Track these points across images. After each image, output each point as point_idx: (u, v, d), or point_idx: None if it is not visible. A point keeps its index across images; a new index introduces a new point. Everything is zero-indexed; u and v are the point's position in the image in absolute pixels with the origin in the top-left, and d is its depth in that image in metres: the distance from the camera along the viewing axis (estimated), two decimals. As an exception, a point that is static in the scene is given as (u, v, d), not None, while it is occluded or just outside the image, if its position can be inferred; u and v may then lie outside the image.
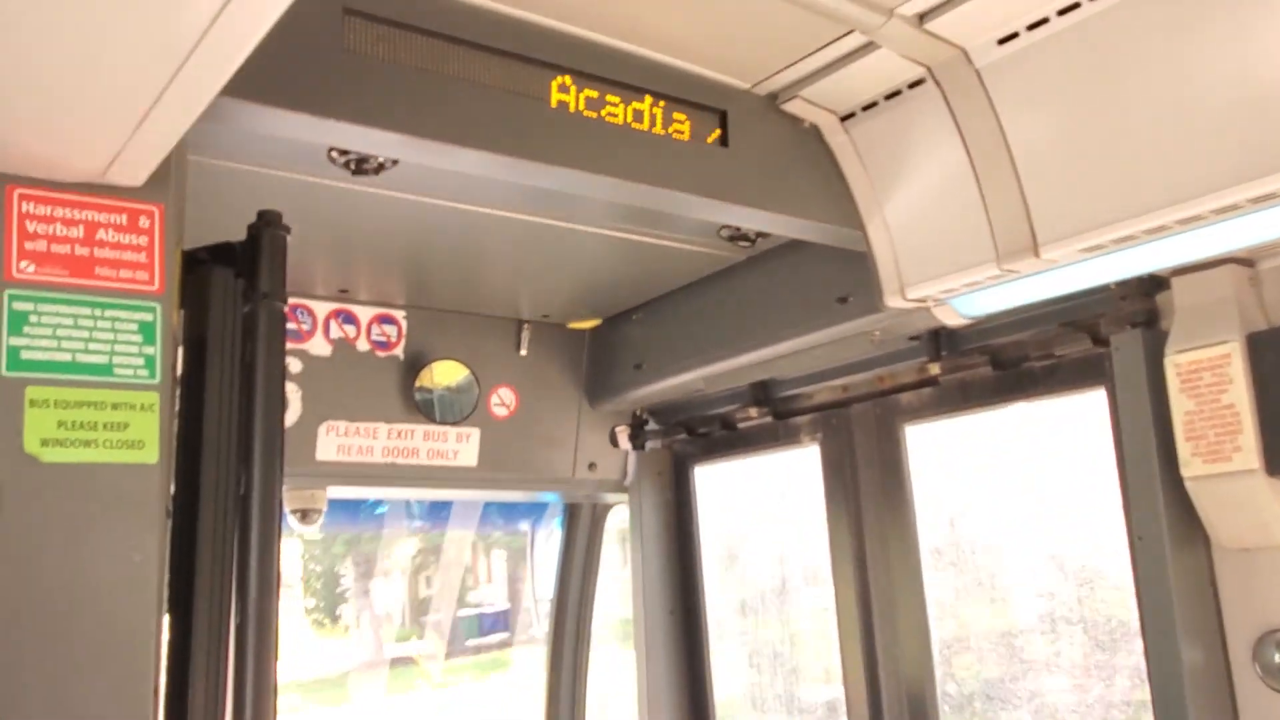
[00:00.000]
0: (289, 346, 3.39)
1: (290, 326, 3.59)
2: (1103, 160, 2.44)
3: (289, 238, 2.18)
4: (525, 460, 4.20)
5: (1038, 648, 3.60)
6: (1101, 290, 2.90)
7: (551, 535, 5.05)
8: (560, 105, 2.44)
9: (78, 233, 1.88)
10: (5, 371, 1.81)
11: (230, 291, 2.13)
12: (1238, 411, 2.64)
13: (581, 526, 4.71)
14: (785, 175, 2.83)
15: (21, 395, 1.82)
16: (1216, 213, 2.31)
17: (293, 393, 3.62)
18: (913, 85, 2.67)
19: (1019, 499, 3.70)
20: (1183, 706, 2.75)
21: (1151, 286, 2.90)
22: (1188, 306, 2.81)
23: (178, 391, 2.03)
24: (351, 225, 3.07)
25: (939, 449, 3.72)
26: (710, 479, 4.55)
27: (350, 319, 3.79)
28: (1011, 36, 2.46)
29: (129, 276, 1.93)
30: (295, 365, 3.64)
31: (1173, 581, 2.78)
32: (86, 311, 1.88)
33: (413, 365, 3.89)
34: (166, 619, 1.96)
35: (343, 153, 2.52)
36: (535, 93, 2.41)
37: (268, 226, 2.15)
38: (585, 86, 2.48)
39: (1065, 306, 3.02)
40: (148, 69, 1.55)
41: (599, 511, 4.72)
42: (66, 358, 1.86)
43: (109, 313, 1.90)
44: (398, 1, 2.23)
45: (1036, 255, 2.60)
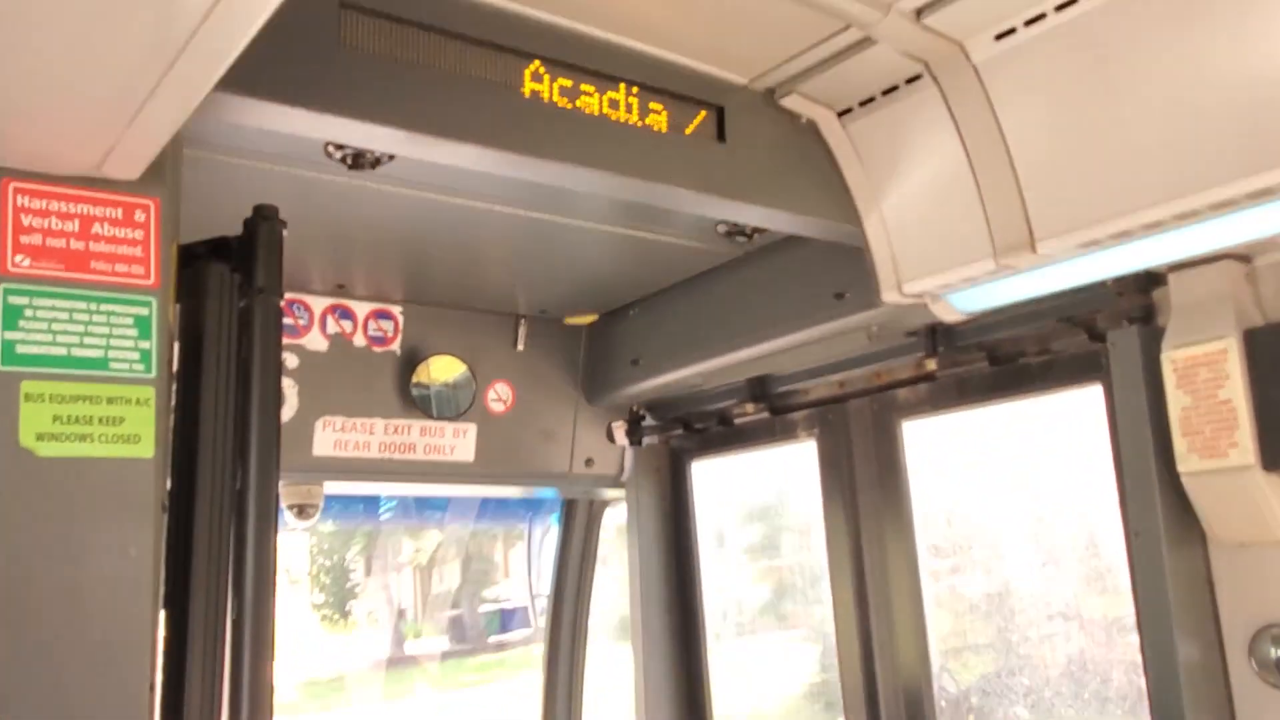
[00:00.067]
0: (285, 342, 3.38)
1: (287, 321, 3.57)
2: (1100, 156, 2.44)
3: (285, 232, 2.17)
4: (522, 456, 4.20)
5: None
6: (1098, 286, 2.90)
7: (549, 531, 5.06)
8: (555, 100, 2.43)
9: (73, 226, 1.88)
10: (0, 366, 1.81)
11: (226, 286, 2.12)
12: (1234, 407, 2.65)
13: (578, 522, 4.71)
14: (782, 171, 2.82)
15: (17, 389, 1.81)
16: (1213, 208, 2.31)
17: (289, 388, 3.61)
18: (910, 81, 2.67)
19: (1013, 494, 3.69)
20: (1179, 701, 2.75)
21: (1148, 282, 2.91)
22: (1184, 302, 2.81)
23: (174, 386, 2.03)
24: (348, 220, 3.07)
25: (933, 445, 3.71)
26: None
27: (347, 314, 3.79)
28: (1009, 32, 2.45)
29: (125, 270, 1.92)
30: (292, 360, 3.64)
31: (1169, 577, 2.78)
32: (82, 305, 1.88)
33: (409, 361, 3.88)
34: (162, 614, 1.95)
35: (339, 147, 2.51)
36: (534, 88, 2.40)
37: (264, 221, 2.15)
38: (580, 80, 2.47)
39: (1062, 302, 3.02)
40: (143, 62, 1.54)
41: (596, 507, 4.72)
42: (62, 352, 1.85)
43: (105, 307, 1.89)
44: None
45: (1033, 251, 2.60)
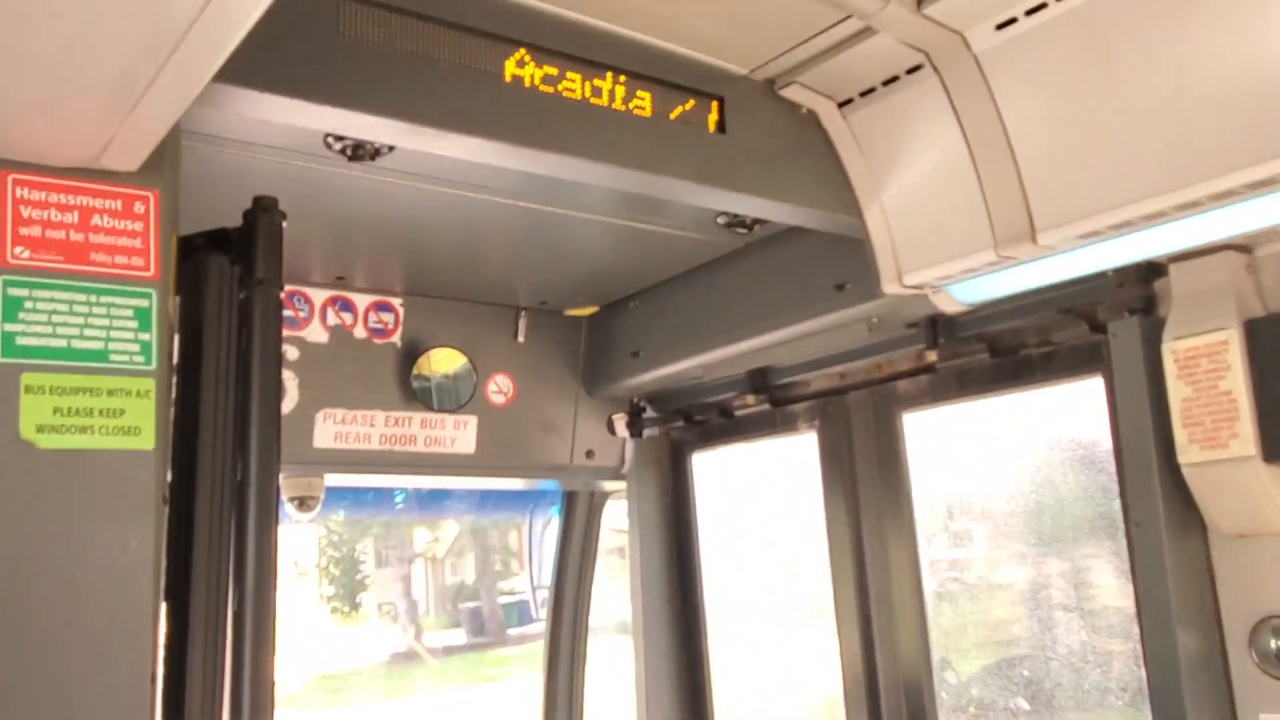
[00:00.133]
0: (286, 333, 3.38)
1: (287, 313, 3.58)
2: (1101, 146, 2.43)
3: (285, 224, 2.17)
4: (523, 448, 4.20)
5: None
6: (1099, 277, 2.90)
7: (550, 523, 5.06)
8: (556, 92, 2.43)
9: (72, 218, 1.88)
10: (0, 358, 1.81)
11: (226, 278, 2.12)
12: (1235, 398, 2.64)
13: (579, 514, 4.71)
14: (783, 162, 2.82)
15: (17, 381, 1.81)
16: (1214, 198, 2.31)
17: (290, 380, 3.61)
18: (911, 71, 2.66)
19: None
20: (1179, 692, 2.75)
21: (1149, 273, 2.90)
22: (1185, 293, 2.81)
23: (174, 378, 2.03)
24: (348, 211, 3.06)
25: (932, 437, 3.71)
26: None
27: (347, 306, 3.78)
28: (1010, 22, 2.45)
29: (124, 262, 1.92)
30: (292, 352, 3.64)
31: (1170, 568, 2.78)
32: (82, 297, 1.88)
33: (410, 353, 3.88)
34: (163, 606, 1.96)
35: (339, 138, 2.51)
36: (536, 80, 2.40)
37: (264, 212, 2.14)
38: (576, 69, 2.47)
39: (1063, 293, 3.01)
40: (141, 53, 1.54)
41: (596, 499, 4.72)
42: (62, 344, 1.85)
43: (104, 299, 1.89)
44: None
45: (1034, 241, 2.60)
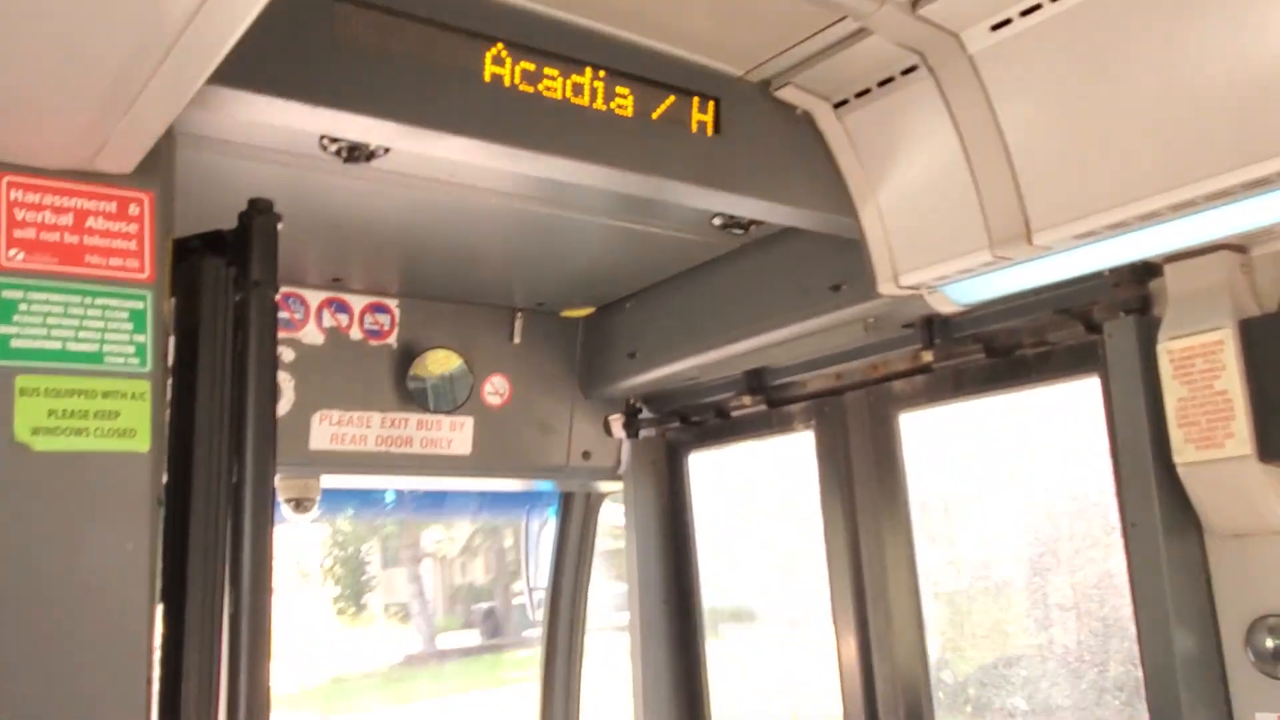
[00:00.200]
0: (281, 335, 3.38)
1: (282, 315, 3.58)
2: (1096, 146, 2.44)
3: (281, 226, 2.17)
4: (519, 449, 4.20)
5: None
6: (1095, 277, 2.90)
7: (546, 525, 5.05)
8: (552, 95, 2.43)
9: (67, 220, 1.88)
10: None
11: (222, 280, 2.12)
12: (1230, 398, 2.65)
13: (575, 515, 4.71)
14: (778, 163, 2.82)
15: (11, 384, 1.81)
16: (1209, 198, 2.31)
17: (285, 382, 3.61)
18: (906, 72, 2.66)
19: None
20: (1175, 692, 2.76)
21: (1144, 273, 2.90)
22: (1181, 293, 2.81)
23: (169, 380, 2.03)
24: (344, 213, 3.06)
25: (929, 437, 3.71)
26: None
27: (343, 308, 3.78)
28: (1005, 23, 2.45)
29: (119, 264, 1.92)
30: (288, 354, 3.63)
31: (1165, 568, 2.79)
32: (76, 299, 1.87)
33: (406, 354, 3.88)
34: (159, 609, 1.95)
35: (334, 140, 2.51)
36: (533, 83, 2.39)
37: (259, 214, 2.15)
38: (573, 72, 2.47)
39: (1058, 293, 3.01)
40: (136, 55, 1.54)
41: (593, 500, 4.71)
42: (57, 346, 1.85)
43: (99, 301, 1.89)
44: None
45: (1030, 242, 2.60)
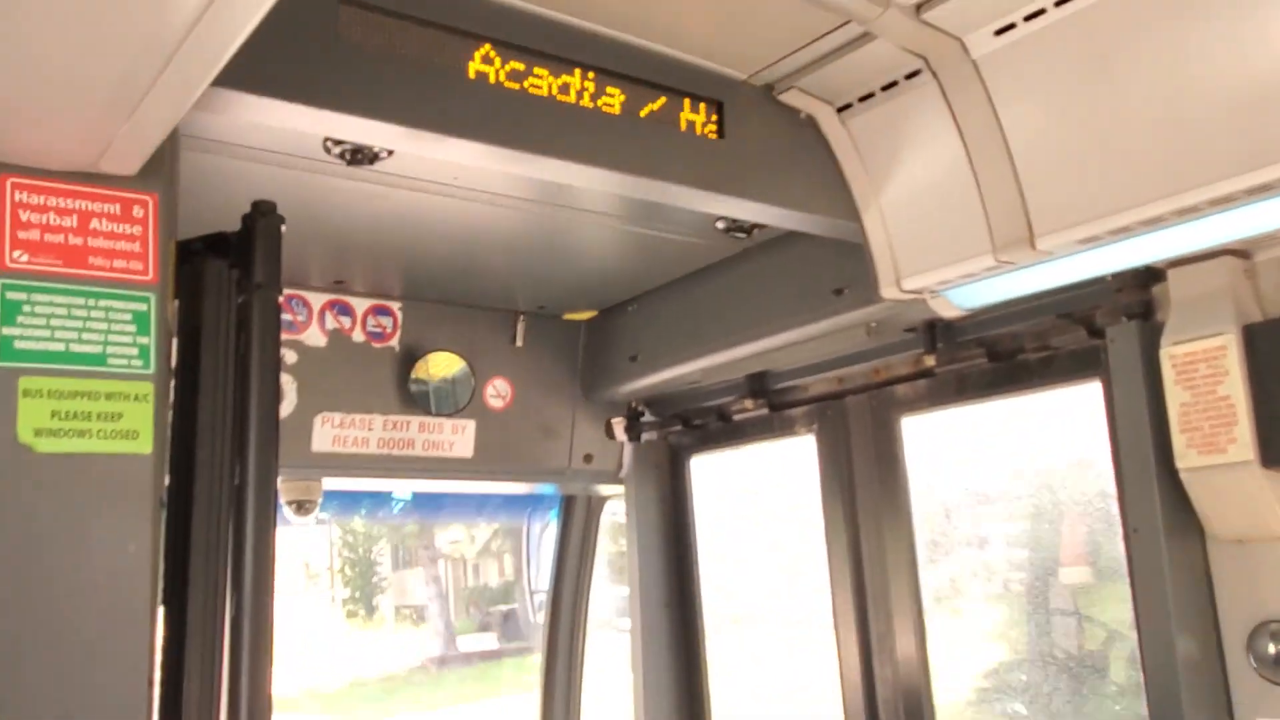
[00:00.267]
0: (284, 337, 3.38)
1: (285, 317, 3.58)
2: (1099, 151, 2.44)
3: (284, 228, 2.17)
4: (521, 452, 4.20)
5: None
6: (1097, 282, 2.90)
7: (547, 528, 5.05)
8: (555, 98, 2.43)
9: (71, 222, 1.88)
10: None
11: (225, 282, 2.12)
12: (1233, 403, 2.65)
13: (577, 518, 4.71)
14: (781, 167, 2.82)
15: (15, 385, 1.81)
16: (1213, 204, 2.31)
17: (288, 384, 3.61)
18: (909, 76, 2.66)
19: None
20: (1177, 697, 2.75)
21: (1147, 278, 2.90)
22: (1183, 298, 2.81)
23: (172, 382, 2.03)
24: (347, 216, 3.06)
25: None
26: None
27: (346, 310, 3.78)
28: (1008, 27, 2.45)
29: (123, 266, 1.92)
30: (290, 356, 3.64)
31: (1168, 573, 2.78)
32: (80, 301, 1.87)
33: (408, 357, 3.88)
34: (161, 610, 1.95)
35: (338, 143, 2.51)
36: (544, 88, 2.40)
37: (262, 217, 2.15)
38: (576, 75, 2.47)
39: (1061, 298, 3.01)
40: (140, 57, 1.54)
41: (594, 503, 4.72)
42: (60, 347, 1.85)
43: (103, 302, 1.89)
44: None
45: (1032, 247, 2.60)
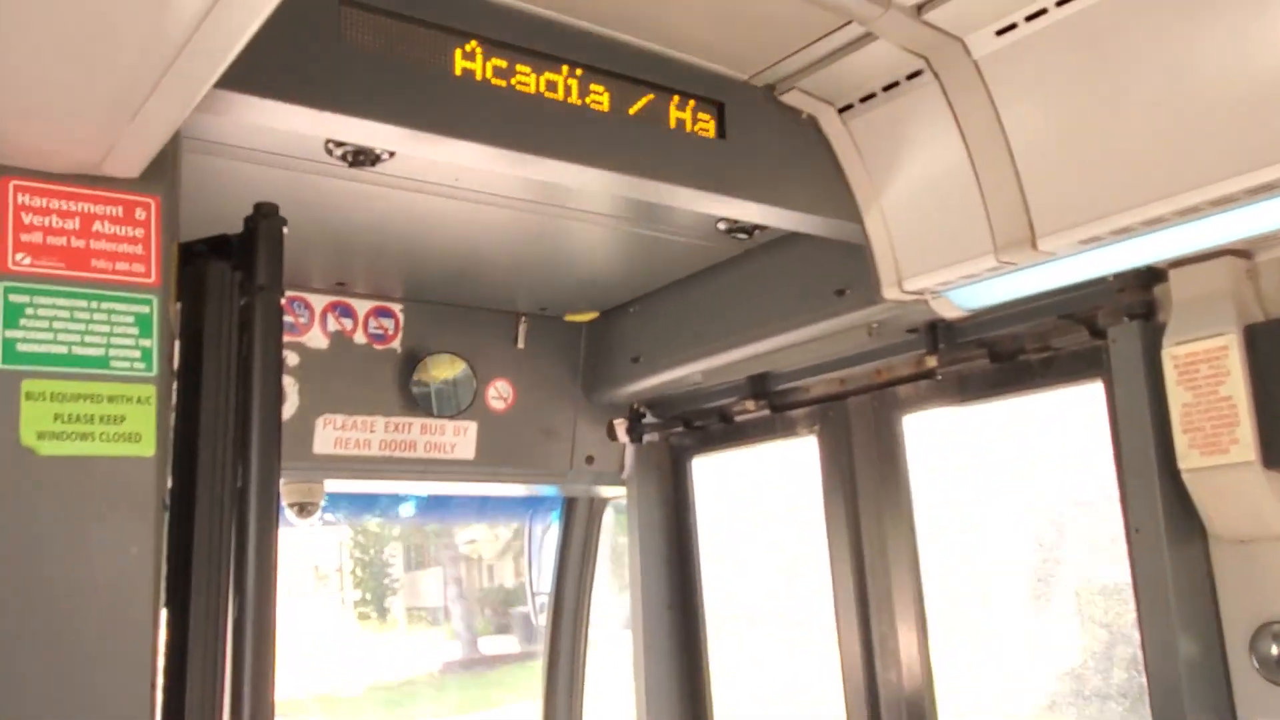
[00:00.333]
0: (286, 339, 3.37)
1: (287, 319, 3.58)
2: (1101, 151, 2.44)
3: (286, 230, 2.17)
4: (522, 453, 4.20)
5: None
6: (1099, 282, 2.90)
7: (549, 529, 5.05)
8: (552, 98, 2.43)
9: (73, 224, 1.88)
10: (1, 364, 1.80)
11: (227, 284, 2.12)
12: (1235, 404, 2.65)
13: (579, 520, 4.71)
14: (783, 167, 2.82)
15: (17, 388, 1.81)
16: (1214, 204, 2.31)
17: (290, 386, 3.61)
18: (910, 77, 2.66)
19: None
20: (1179, 698, 2.75)
21: (1149, 278, 2.90)
22: (1185, 298, 2.81)
23: (175, 384, 2.03)
24: (349, 218, 3.06)
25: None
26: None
27: (347, 312, 3.78)
28: (1010, 28, 2.45)
29: (125, 269, 1.92)
30: (292, 358, 3.64)
31: (1170, 574, 2.78)
32: (83, 304, 1.88)
33: (410, 358, 3.88)
34: (164, 613, 1.95)
35: (340, 144, 2.51)
36: (540, 87, 2.40)
37: (264, 219, 2.15)
38: (592, 79, 2.47)
39: (1063, 299, 3.01)
40: (143, 60, 1.54)
41: (596, 505, 4.71)
42: (63, 350, 1.85)
43: (105, 305, 1.89)
44: None
45: (1034, 247, 2.60)
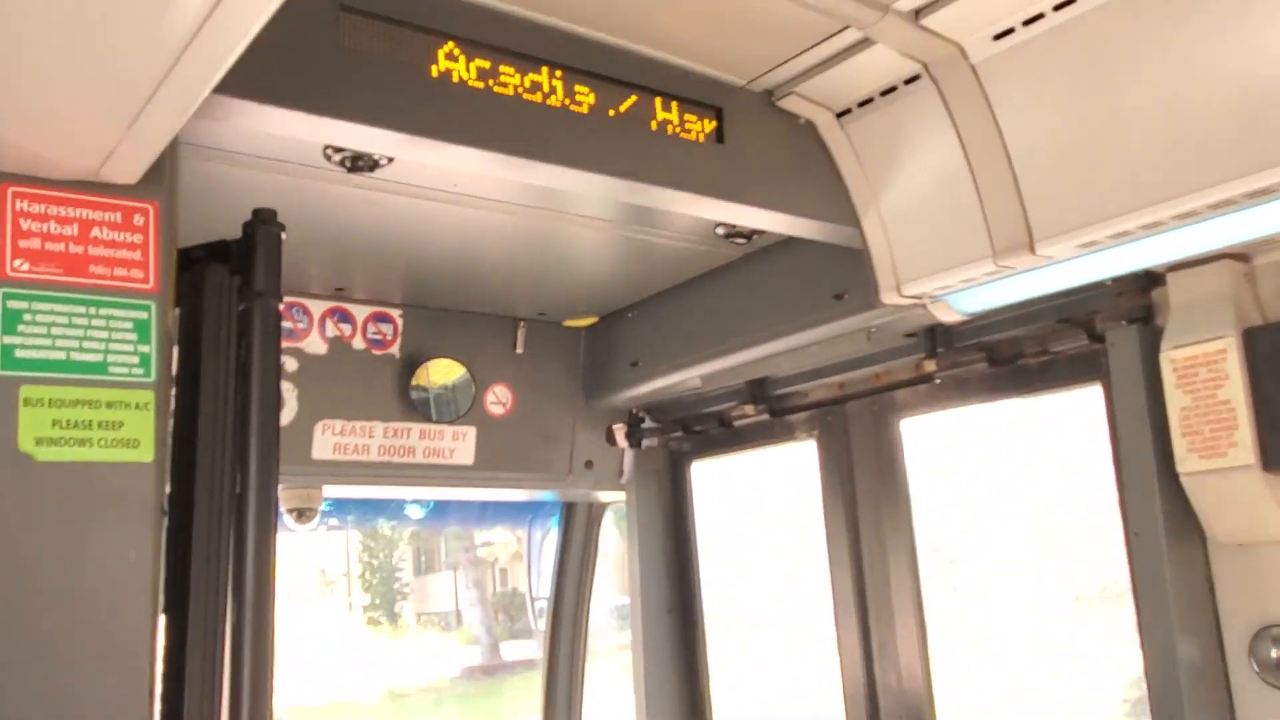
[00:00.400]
0: (284, 345, 3.38)
1: (286, 325, 3.58)
2: (1099, 156, 2.44)
3: (284, 236, 2.17)
4: (522, 459, 4.20)
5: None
6: (1097, 286, 2.90)
7: (548, 534, 5.05)
8: (557, 104, 2.43)
9: (72, 230, 1.88)
10: None
11: (225, 290, 2.12)
12: (1233, 407, 2.65)
13: (578, 525, 4.71)
14: (781, 172, 2.82)
15: (16, 394, 1.81)
16: (1212, 208, 2.31)
17: (288, 391, 3.61)
18: (908, 81, 2.67)
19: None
20: (1179, 702, 2.75)
21: (1147, 282, 2.90)
22: (1183, 302, 2.81)
23: (173, 390, 2.03)
24: (347, 223, 3.07)
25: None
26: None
27: (346, 317, 3.78)
28: (1007, 32, 2.46)
29: (124, 274, 1.92)
30: (291, 364, 3.63)
31: (1169, 577, 2.78)
32: (81, 310, 1.88)
33: (409, 364, 3.88)
34: (162, 618, 1.95)
35: (338, 150, 2.51)
36: (540, 94, 2.40)
37: (263, 224, 2.15)
38: (593, 86, 2.48)
39: (1061, 303, 3.01)
40: (141, 66, 1.54)
41: (595, 510, 4.71)
42: (61, 356, 1.85)
43: (104, 311, 1.89)
44: None
45: (1032, 251, 2.60)
